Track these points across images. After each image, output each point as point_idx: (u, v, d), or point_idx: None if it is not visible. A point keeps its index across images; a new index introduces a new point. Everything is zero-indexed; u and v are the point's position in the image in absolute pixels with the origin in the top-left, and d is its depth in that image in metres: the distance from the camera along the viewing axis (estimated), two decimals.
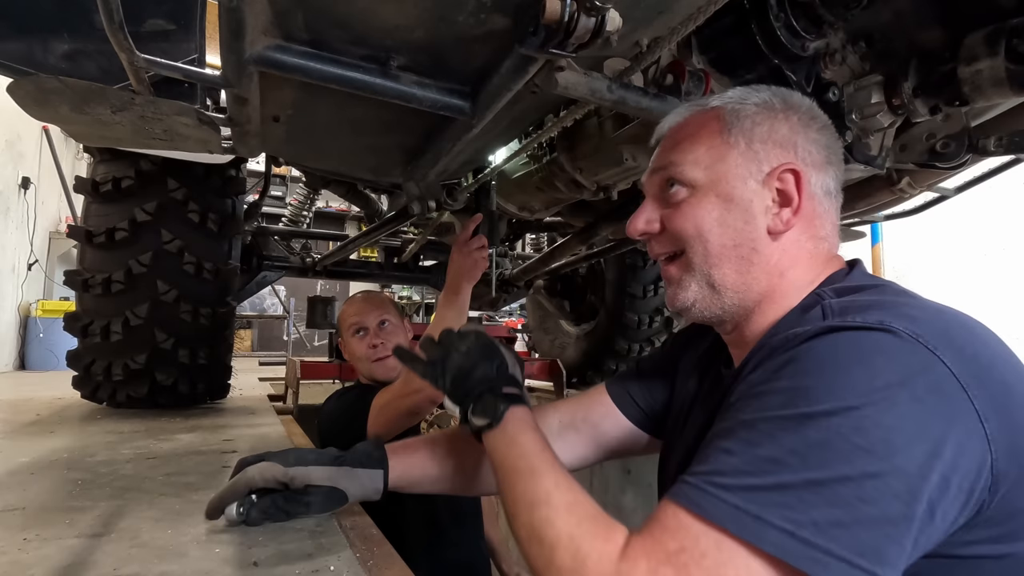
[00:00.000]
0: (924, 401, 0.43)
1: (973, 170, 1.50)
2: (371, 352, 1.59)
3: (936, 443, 0.41)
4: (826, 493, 0.41)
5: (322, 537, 0.92)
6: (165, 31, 1.10)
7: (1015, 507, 0.44)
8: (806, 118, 0.65)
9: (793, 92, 0.67)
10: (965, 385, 0.43)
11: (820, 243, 0.64)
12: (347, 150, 1.59)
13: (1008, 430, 0.44)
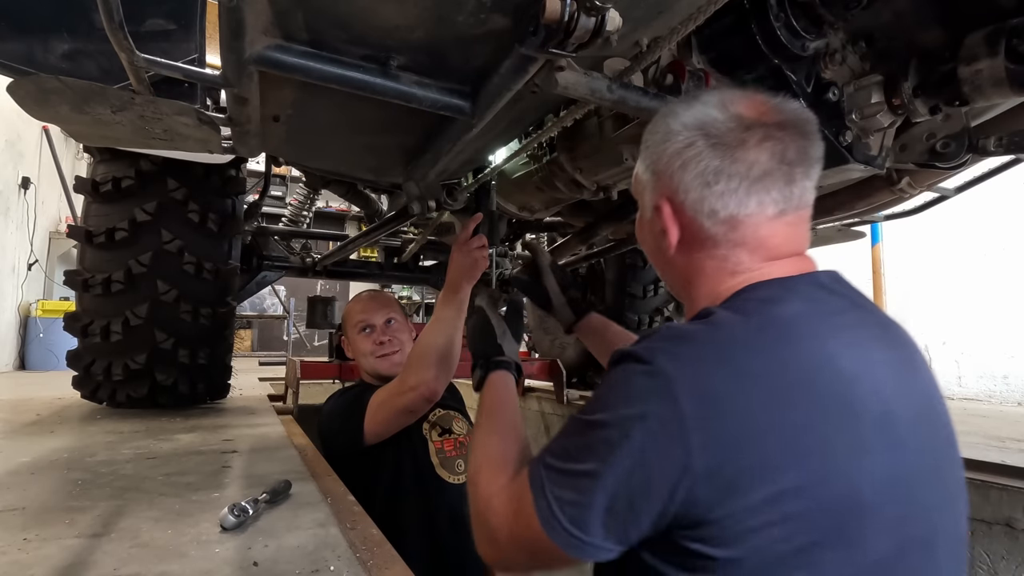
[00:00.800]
0: (648, 430, 0.55)
1: (973, 170, 1.50)
2: (377, 348, 1.62)
3: (644, 464, 0.54)
4: (573, 480, 0.58)
5: (322, 537, 0.92)
6: (165, 31, 1.10)
7: (744, 529, 0.53)
8: (691, 137, 0.67)
9: (688, 108, 0.69)
10: (686, 417, 0.54)
11: (724, 262, 0.68)
12: (347, 150, 1.59)
13: (721, 464, 0.53)
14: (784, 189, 0.65)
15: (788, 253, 0.67)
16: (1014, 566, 1.50)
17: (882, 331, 0.65)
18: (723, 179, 0.65)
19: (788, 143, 0.65)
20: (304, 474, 1.31)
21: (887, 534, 0.54)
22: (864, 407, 0.57)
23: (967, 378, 3.60)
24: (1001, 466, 1.60)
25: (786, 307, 0.62)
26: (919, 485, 0.58)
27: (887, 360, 0.62)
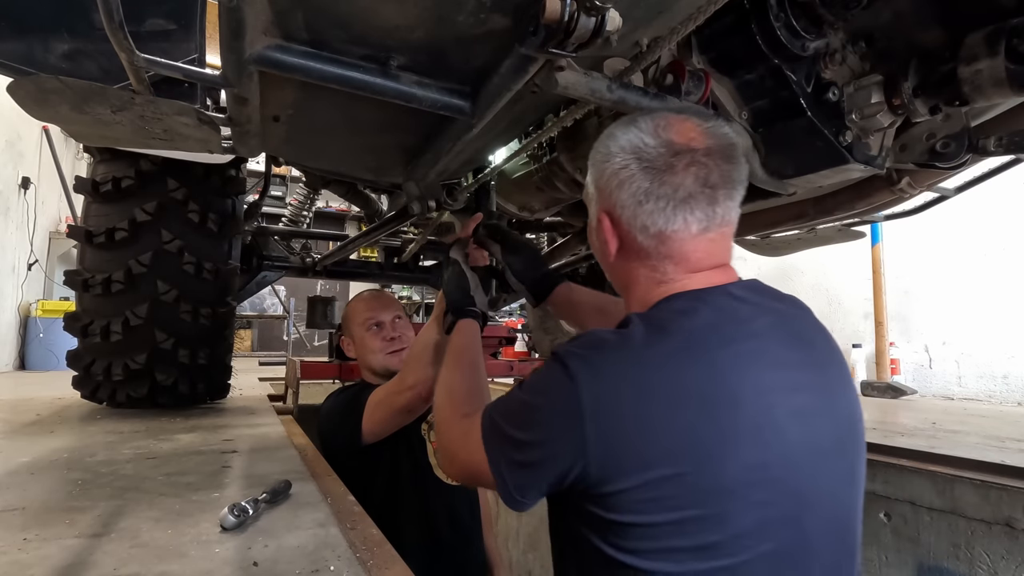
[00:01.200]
0: (556, 414, 0.69)
1: (973, 170, 1.50)
2: (387, 345, 1.63)
3: (553, 443, 0.69)
4: (509, 441, 0.73)
5: (322, 537, 0.92)
6: (165, 31, 1.10)
7: (629, 502, 0.65)
8: (626, 160, 0.76)
9: (626, 132, 0.78)
10: (584, 413, 0.67)
11: (653, 272, 0.78)
12: (347, 150, 1.59)
13: (607, 454, 0.66)
14: (707, 209, 0.74)
15: (709, 265, 0.77)
16: (1014, 566, 1.50)
17: (789, 336, 0.73)
18: (652, 199, 0.74)
19: (712, 168, 0.74)
20: (304, 474, 1.31)
21: (749, 513, 0.64)
22: (743, 409, 0.66)
23: (967, 378, 3.60)
24: (1001, 466, 1.60)
25: (695, 318, 0.71)
26: (794, 474, 0.67)
27: (785, 362, 0.71)
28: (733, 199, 0.76)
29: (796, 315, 0.78)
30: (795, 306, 0.80)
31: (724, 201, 0.75)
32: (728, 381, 0.67)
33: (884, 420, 2.61)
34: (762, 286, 0.79)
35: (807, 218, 1.68)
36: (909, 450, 1.81)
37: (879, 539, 1.81)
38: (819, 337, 0.77)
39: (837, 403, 0.74)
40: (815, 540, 0.67)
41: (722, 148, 0.75)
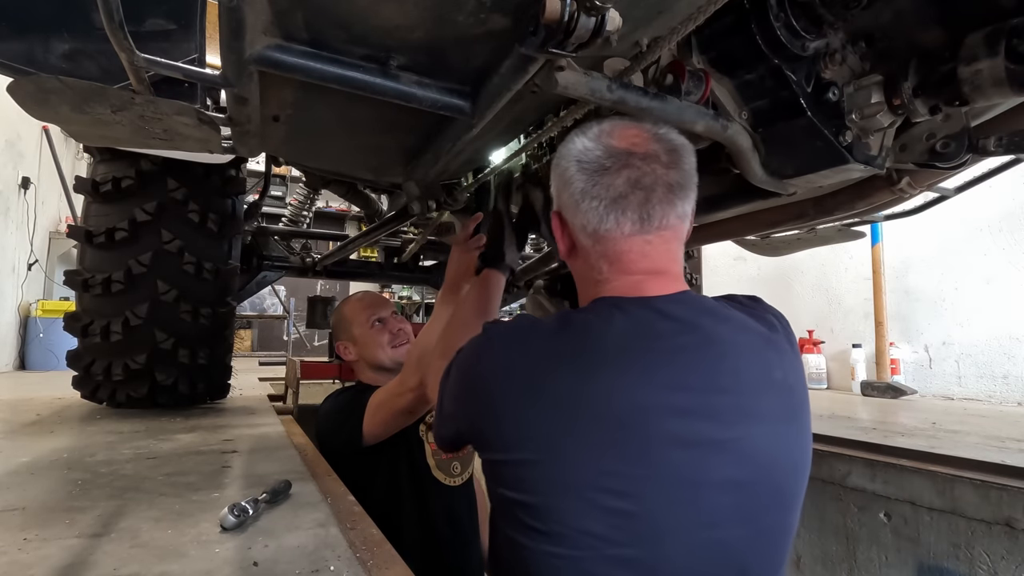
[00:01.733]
0: (462, 379, 0.82)
1: (973, 170, 1.50)
2: (392, 338, 1.66)
3: (456, 401, 0.82)
4: (442, 393, 0.86)
5: (322, 537, 0.92)
6: (165, 31, 1.10)
7: (499, 472, 0.75)
8: (567, 164, 0.81)
9: (574, 138, 0.82)
10: (476, 385, 0.78)
11: (592, 271, 0.82)
12: (347, 150, 1.59)
13: (475, 427, 0.78)
14: (639, 210, 0.76)
15: (645, 269, 0.78)
16: (1014, 566, 1.50)
17: (707, 360, 0.72)
18: (588, 199, 0.78)
19: (646, 171, 0.76)
20: (304, 474, 1.31)
21: (598, 516, 0.67)
22: (611, 420, 0.68)
23: (967, 378, 3.60)
24: (1001, 466, 1.60)
25: (605, 325, 0.74)
26: (659, 496, 0.67)
27: (685, 386, 0.71)
28: (672, 204, 0.77)
29: (734, 340, 0.74)
30: (743, 330, 0.77)
31: (660, 204, 0.76)
32: (606, 390, 0.69)
33: (884, 420, 2.61)
34: (704, 304, 0.78)
35: (807, 218, 1.68)
36: (909, 450, 1.81)
37: (879, 539, 1.81)
38: (755, 368, 0.74)
39: (752, 440, 0.71)
40: (679, 564, 0.68)
41: (663, 152, 0.78)
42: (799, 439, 0.76)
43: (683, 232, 0.82)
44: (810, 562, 2.03)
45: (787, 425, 0.75)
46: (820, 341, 4.42)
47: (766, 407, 0.73)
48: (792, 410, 0.76)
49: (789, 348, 0.80)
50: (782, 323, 0.83)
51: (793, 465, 0.75)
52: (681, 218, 0.80)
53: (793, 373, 0.78)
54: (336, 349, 1.74)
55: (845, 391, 4.09)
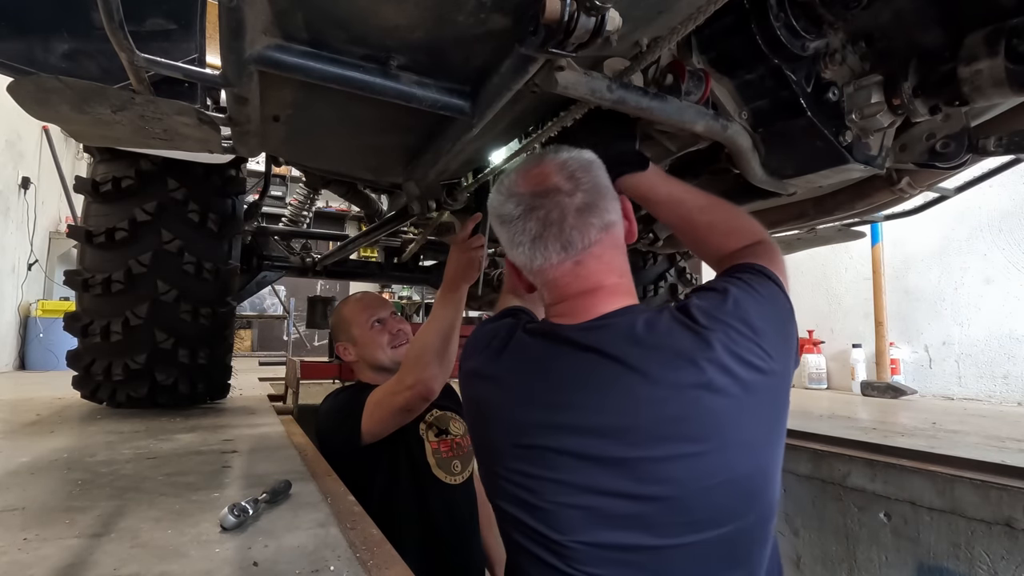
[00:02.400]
0: (469, 347, 0.99)
1: (973, 170, 1.50)
2: (393, 338, 1.66)
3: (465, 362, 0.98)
4: None
5: (322, 537, 0.92)
6: (165, 31, 1.10)
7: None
8: (492, 221, 0.93)
9: (492, 195, 0.93)
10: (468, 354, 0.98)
11: (543, 298, 0.93)
12: (347, 150, 1.59)
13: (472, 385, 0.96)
14: (559, 241, 0.85)
15: (577, 291, 0.87)
16: (1014, 566, 1.50)
17: (596, 378, 0.80)
18: (515, 246, 0.88)
19: (551, 207, 0.85)
20: (304, 474, 1.31)
21: (505, 492, 0.85)
22: (515, 427, 0.85)
23: (967, 378, 3.60)
24: (1001, 466, 1.60)
25: (527, 348, 0.89)
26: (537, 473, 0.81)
27: (565, 402, 0.81)
28: (588, 223, 0.85)
29: (638, 364, 0.78)
30: (653, 350, 0.79)
31: (575, 230, 0.84)
32: (509, 406, 0.87)
33: (884, 420, 2.61)
34: (622, 328, 0.82)
35: (807, 218, 1.68)
36: (909, 450, 1.81)
37: (879, 539, 1.81)
38: (658, 390, 0.77)
39: (649, 462, 0.76)
40: (581, 555, 0.78)
41: (564, 181, 0.86)
42: (715, 459, 0.75)
43: (615, 236, 0.89)
44: (810, 562, 2.03)
45: (696, 446, 0.75)
46: (820, 341, 4.42)
47: (666, 431, 0.76)
48: (705, 430, 0.75)
49: (725, 356, 0.76)
50: (720, 326, 0.78)
51: (704, 489, 0.75)
52: (605, 228, 0.86)
53: (717, 390, 0.75)
54: (336, 350, 1.74)
55: (845, 391, 4.09)
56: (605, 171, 0.91)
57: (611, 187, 0.90)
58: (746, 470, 0.77)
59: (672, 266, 2.97)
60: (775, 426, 0.81)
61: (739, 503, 0.76)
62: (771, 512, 0.81)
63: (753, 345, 0.77)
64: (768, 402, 0.79)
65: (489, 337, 0.96)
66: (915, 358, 3.87)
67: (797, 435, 2.15)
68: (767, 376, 0.77)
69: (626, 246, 0.93)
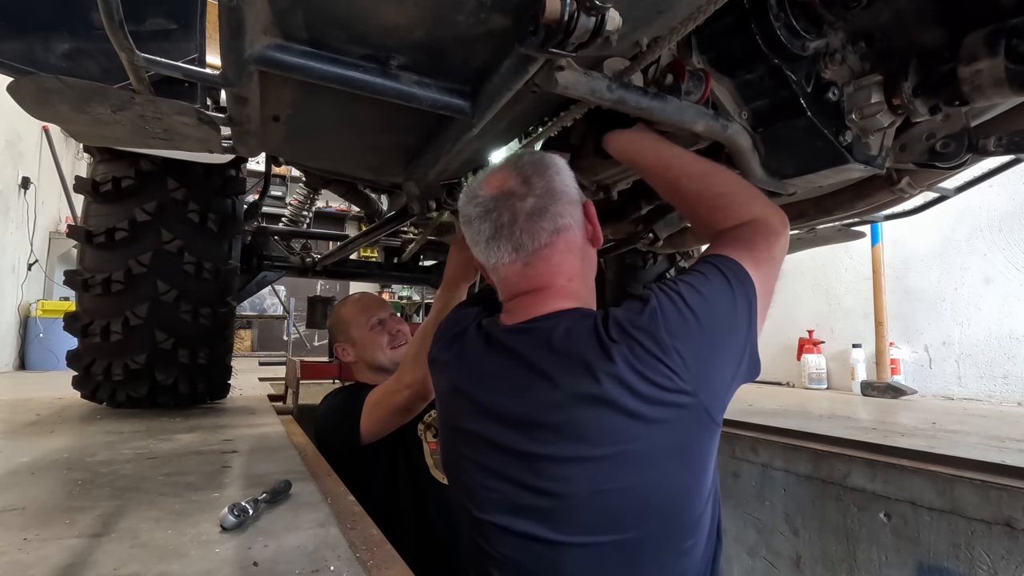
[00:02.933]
0: (438, 332, 1.07)
1: (973, 170, 1.50)
2: (392, 339, 1.68)
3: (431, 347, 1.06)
4: None
5: (322, 537, 0.92)
6: (165, 30, 1.10)
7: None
8: (459, 222, 0.98)
9: (460, 198, 0.99)
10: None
11: (500, 293, 0.97)
12: (347, 150, 1.59)
13: (432, 369, 1.05)
14: (510, 243, 0.89)
15: (523, 290, 0.91)
16: (1014, 566, 1.50)
17: (509, 373, 0.87)
18: (475, 244, 0.94)
19: (503, 211, 0.89)
20: (304, 474, 1.31)
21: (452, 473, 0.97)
22: (452, 410, 0.96)
23: (967, 378, 3.60)
24: (1001, 466, 1.60)
25: (472, 343, 0.96)
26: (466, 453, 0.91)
27: (482, 377, 0.91)
28: (539, 227, 0.88)
29: (547, 368, 0.83)
30: (564, 356, 0.82)
31: (526, 233, 0.88)
32: (451, 391, 0.97)
33: (884, 420, 2.61)
34: (544, 333, 0.85)
35: (807, 218, 1.68)
36: (909, 450, 1.81)
37: (879, 539, 1.81)
38: (559, 395, 0.81)
39: (547, 461, 0.81)
40: (496, 535, 0.86)
41: (518, 185, 0.90)
42: (606, 466, 0.77)
43: (568, 240, 0.91)
44: (810, 562, 2.03)
45: (589, 450, 0.78)
46: (820, 341, 4.42)
47: (565, 432, 0.79)
48: (599, 438, 0.77)
49: (626, 370, 0.76)
50: (626, 340, 0.78)
51: (594, 493, 0.77)
52: (556, 232, 0.89)
53: (610, 402, 0.76)
54: (334, 351, 1.74)
55: (845, 391, 4.09)
56: (566, 175, 0.94)
57: (570, 191, 0.93)
58: (641, 483, 0.77)
59: (672, 266, 2.97)
60: (692, 448, 0.79)
61: (632, 514, 0.77)
62: (686, 530, 0.80)
63: (657, 362, 0.76)
64: (677, 420, 0.77)
65: (452, 325, 1.04)
66: (915, 358, 3.87)
67: (797, 435, 2.15)
68: (674, 394, 0.76)
69: (590, 248, 0.96)
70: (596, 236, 0.96)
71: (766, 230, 0.90)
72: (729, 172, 1.01)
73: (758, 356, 0.85)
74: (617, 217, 1.96)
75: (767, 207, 0.93)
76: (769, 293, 0.88)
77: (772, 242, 0.89)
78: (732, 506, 2.32)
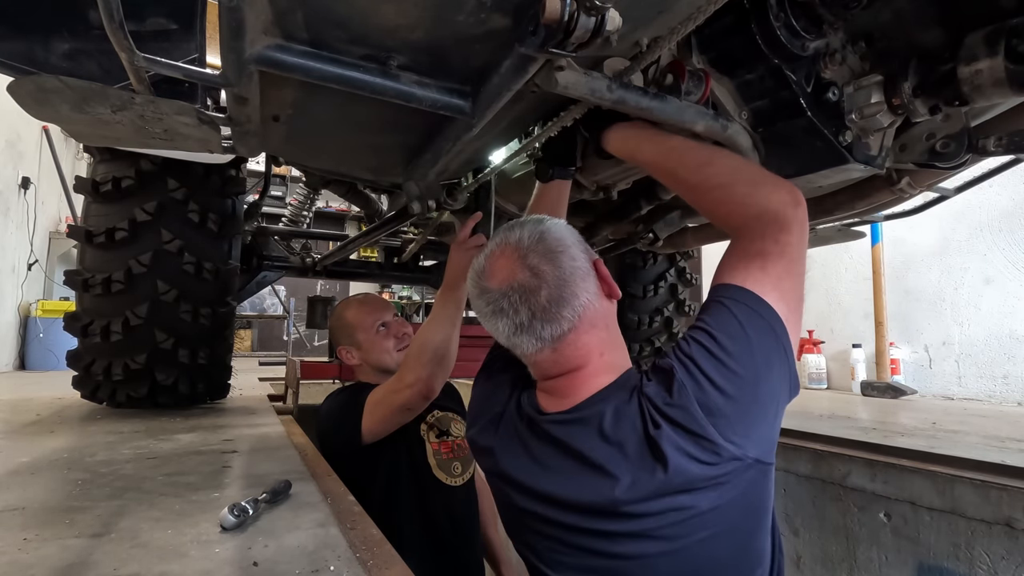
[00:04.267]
0: (471, 408, 1.08)
1: (973, 170, 1.50)
2: (398, 342, 1.67)
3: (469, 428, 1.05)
4: None
5: (322, 537, 0.92)
6: (165, 31, 1.10)
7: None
8: (474, 304, 0.95)
9: (468, 278, 0.95)
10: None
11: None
12: (347, 149, 1.59)
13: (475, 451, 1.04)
14: (531, 338, 0.87)
15: (558, 372, 0.89)
16: (1014, 566, 1.50)
17: (564, 461, 0.85)
18: (496, 334, 0.91)
19: (518, 309, 0.86)
20: (304, 474, 1.31)
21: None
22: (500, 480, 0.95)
23: (967, 378, 3.60)
24: (1001, 466, 1.60)
25: (516, 429, 0.94)
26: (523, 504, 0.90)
27: (535, 458, 0.89)
28: (558, 317, 0.85)
29: (564, 433, 0.86)
30: (603, 442, 0.83)
31: (547, 325, 0.85)
32: (512, 464, 0.93)
33: (884, 420, 2.61)
34: (584, 419, 0.85)
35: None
36: (909, 450, 1.81)
37: (879, 539, 1.81)
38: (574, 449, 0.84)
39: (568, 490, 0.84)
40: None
41: (530, 278, 0.86)
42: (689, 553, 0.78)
43: (590, 317, 0.87)
44: (810, 562, 2.03)
45: (665, 544, 0.79)
46: (820, 341, 4.42)
47: (641, 525, 0.79)
48: (673, 527, 0.78)
49: (678, 456, 0.76)
50: (665, 424, 0.77)
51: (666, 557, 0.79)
52: (577, 315, 0.86)
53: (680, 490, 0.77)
54: (337, 353, 1.74)
55: (845, 391, 4.09)
56: (572, 247, 0.90)
57: (579, 266, 0.88)
58: (711, 544, 0.78)
59: (672, 266, 2.97)
60: (751, 497, 0.79)
61: (707, 569, 0.79)
62: (753, 563, 0.81)
63: (700, 439, 0.75)
64: (735, 482, 0.76)
65: (486, 402, 1.02)
66: (915, 358, 3.87)
67: (797, 435, 2.15)
68: (721, 465, 0.75)
69: (610, 305, 0.92)
70: (612, 291, 0.92)
71: (776, 225, 0.84)
72: (727, 158, 0.96)
73: (796, 375, 0.84)
74: (617, 217, 1.96)
75: (772, 194, 0.86)
76: (798, 298, 0.87)
77: (785, 238, 0.84)
78: None
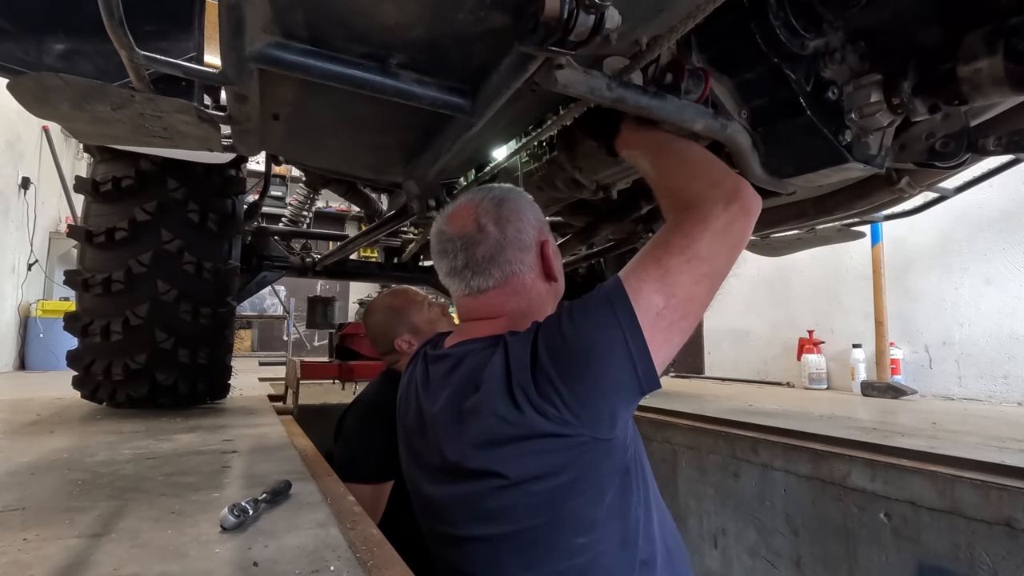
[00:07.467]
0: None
1: (973, 170, 1.51)
2: (443, 311, 1.81)
3: None
4: None
5: (322, 537, 0.92)
6: (164, 29, 1.10)
7: None
8: (431, 240, 1.09)
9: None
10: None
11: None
12: (347, 148, 1.59)
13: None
14: (462, 282, 1.01)
15: (473, 317, 1.04)
16: (1014, 566, 1.50)
17: (449, 374, 0.97)
18: (439, 270, 1.05)
19: (457, 254, 1.00)
20: (304, 474, 1.31)
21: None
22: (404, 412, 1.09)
23: (967, 378, 3.60)
24: (1001, 466, 1.60)
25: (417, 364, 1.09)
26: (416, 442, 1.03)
27: (429, 390, 1.01)
28: (487, 273, 0.99)
29: (455, 366, 0.97)
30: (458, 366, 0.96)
31: (476, 276, 0.99)
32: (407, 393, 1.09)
33: (884, 420, 2.61)
34: (459, 351, 0.98)
35: (807, 218, 1.68)
36: (909, 450, 1.81)
37: (879, 539, 1.81)
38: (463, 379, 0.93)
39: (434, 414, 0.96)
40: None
41: (476, 230, 0.99)
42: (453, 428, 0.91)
43: (515, 284, 1.00)
44: (810, 562, 2.03)
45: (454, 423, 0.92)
46: (820, 341, 4.42)
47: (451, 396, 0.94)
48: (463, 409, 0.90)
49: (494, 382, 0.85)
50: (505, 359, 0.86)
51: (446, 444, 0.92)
52: (505, 278, 0.99)
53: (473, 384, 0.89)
54: (397, 347, 1.73)
55: (845, 391, 4.09)
56: (524, 219, 1.01)
57: (523, 238, 1.00)
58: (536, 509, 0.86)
59: None
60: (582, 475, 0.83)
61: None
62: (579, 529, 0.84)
63: (509, 397, 0.83)
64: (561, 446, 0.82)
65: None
66: (915, 358, 3.87)
67: (797, 435, 2.15)
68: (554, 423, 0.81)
69: (545, 284, 1.03)
70: (551, 274, 1.03)
71: (694, 219, 0.86)
72: (697, 150, 1.00)
73: (652, 372, 0.80)
74: (617, 217, 1.96)
75: (706, 189, 0.89)
76: (691, 297, 0.82)
77: (698, 230, 0.84)
78: (732, 507, 2.32)
